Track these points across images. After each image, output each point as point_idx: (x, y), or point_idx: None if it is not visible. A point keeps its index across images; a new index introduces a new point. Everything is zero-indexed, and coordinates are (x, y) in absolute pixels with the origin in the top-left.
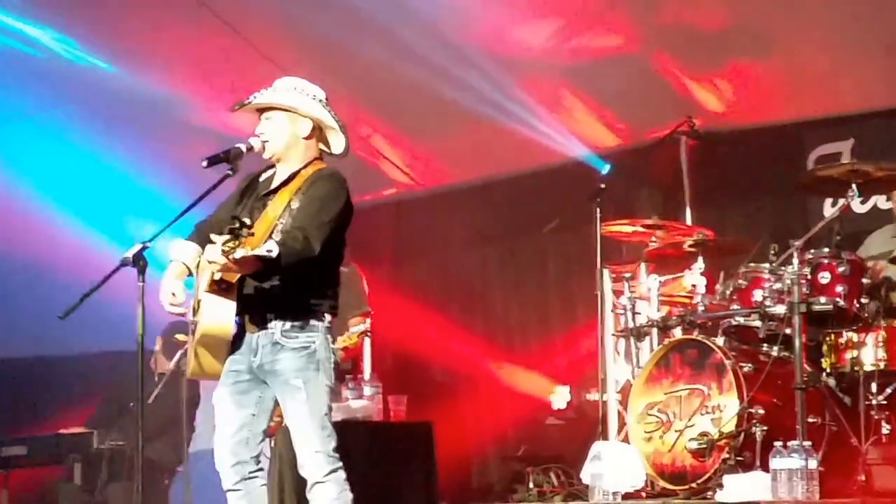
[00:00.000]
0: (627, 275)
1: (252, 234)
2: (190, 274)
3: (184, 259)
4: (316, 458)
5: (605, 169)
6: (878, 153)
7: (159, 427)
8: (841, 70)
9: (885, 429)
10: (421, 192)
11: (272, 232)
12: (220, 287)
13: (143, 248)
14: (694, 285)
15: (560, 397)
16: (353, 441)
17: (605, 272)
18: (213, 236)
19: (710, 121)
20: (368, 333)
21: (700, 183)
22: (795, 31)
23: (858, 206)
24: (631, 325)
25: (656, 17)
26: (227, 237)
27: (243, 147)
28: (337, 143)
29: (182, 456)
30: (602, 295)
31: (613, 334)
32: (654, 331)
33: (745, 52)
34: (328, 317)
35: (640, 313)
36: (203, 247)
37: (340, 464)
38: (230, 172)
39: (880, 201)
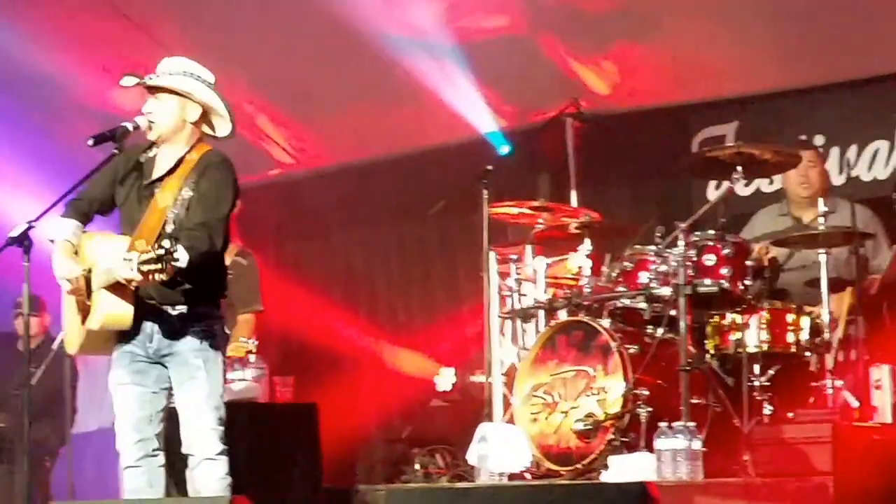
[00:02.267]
0: (514, 256)
1: (174, 265)
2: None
3: (69, 237)
4: (209, 435)
5: (506, 148)
6: (762, 135)
7: (41, 408)
8: (725, 52)
9: (768, 409)
10: (305, 172)
11: (164, 223)
12: (118, 283)
13: (29, 228)
14: (580, 267)
15: (445, 379)
16: (237, 422)
17: (492, 255)
18: (126, 254)
19: (595, 103)
20: (253, 347)
21: (586, 166)
22: (680, 14)
23: (742, 189)
24: (517, 306)
25: None
26: (148, 257)
27: (129, 126)
28: (222, 126)
29: (65, 437)
30: (488, 276)
31: (500, 316)
32: (541, 313)
33: (630, 35)
34: (222, 302)
35: (525, 295)
36: (82, 222)
37: (226, 446)
38: (116, 151)
39: (763, 184)
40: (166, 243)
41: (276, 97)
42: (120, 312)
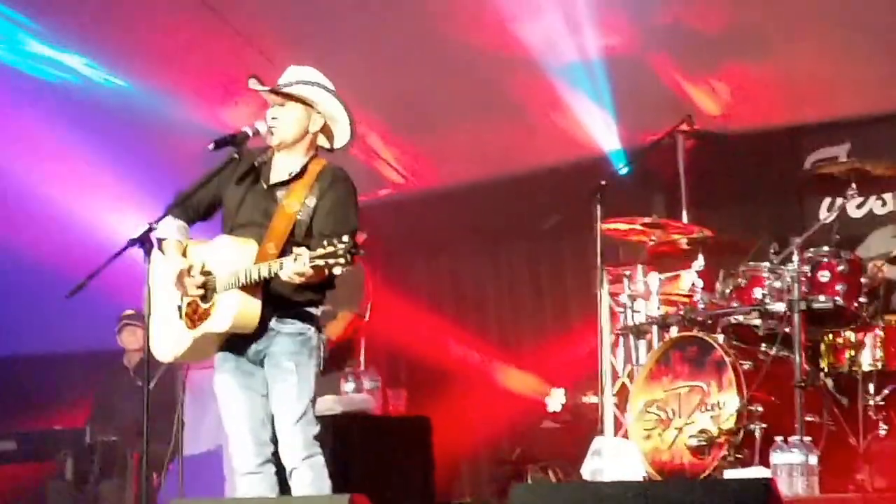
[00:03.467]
0: (626, 272)
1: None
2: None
3: (180, 237)
4: (296, 441)
5: (623, 167)
6: (874, 156)
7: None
8: (837, 72)
9: (883, 429)
10: (416, 192)
11: (293, 227)
12: (249, 285)
13: (150, 230)
14: (693, 284)
15: (555, 400)
16: (352, 434)
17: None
18: (298, 249)
19: (706, 123)
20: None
21: (697, 185)
22: (791, 34)
23: (854, 211)
24: (630, 323)
25: (655, 17)
26: (322, 252)
27: (250, 131)
28: (340, 136)
29: (175, 453)
30: (601, 293)
31: (613, 333)
32: (654, 329)
33: (743, 55)
34: (320, 309)
35: (638, 312)
36: (188, 224)
37: (319, 450)
38: (236, 156)
39: (876, 206)
40: (346, 238)
41: (387, 116)
42: (250, 314)
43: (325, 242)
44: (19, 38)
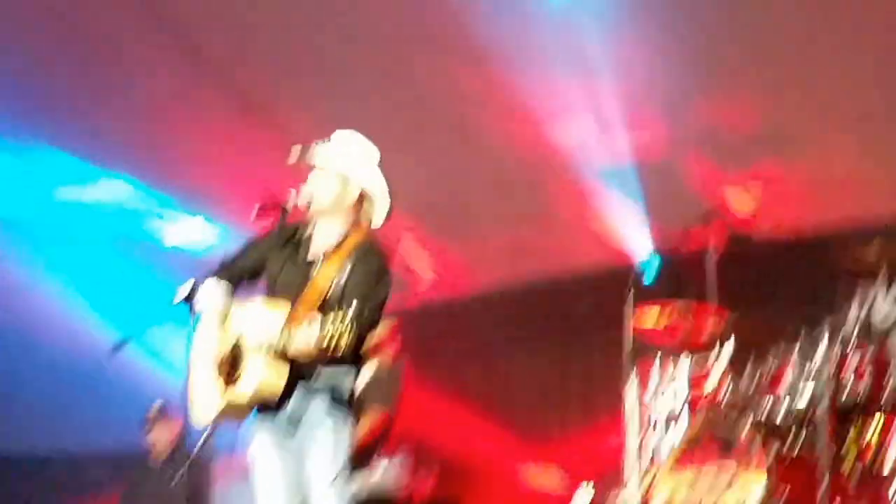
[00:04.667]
0: (657, 359)
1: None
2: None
3: (220, 307)
4: (330, 501)
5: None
6: None
7: None
8: (869, 174)
9: None
10: (446, 297)
11: (324, 301)
12: (274, 353)
13: (194, 288)
14: (724, 370)
15: (584, 496)
16: None
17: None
18: (308, 322)
19: (739, 225)
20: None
21: (727, 291)
22: (826, 134)
23: (880, 322)
24: (659, 410)
25: (691, 117)
26: (332, 322)
27: (289, 206)
28: (380, 211)
29: None
30: (630, 380)
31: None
32: (683, 416)
33: (777, 154)
34: (354, 371)
35: (666, 397)
36: (233, 284)
37: None
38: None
39: None
40: (351, 312)
41: (422, 216)
42: (273, 382)
43: (332, 316)
44: None
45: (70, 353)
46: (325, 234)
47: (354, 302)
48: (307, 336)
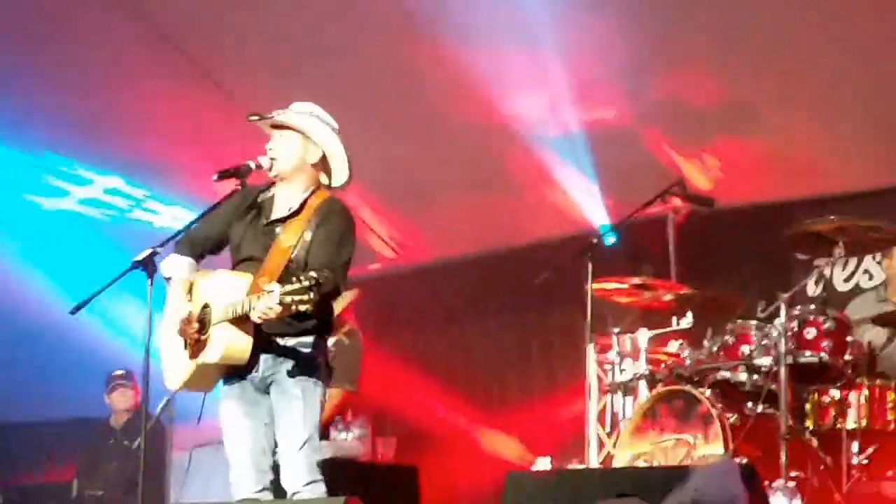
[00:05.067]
0: (616, 329)
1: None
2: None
3: (185, 275)
4: (299, 467)
5: (611, 238)
6: None
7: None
8: (826, 148)
9: (867, 488)
10: (405, 267)
11: (288, 263)
12: (240, 318)
13: (153, 254)
14: (681, 343)
15: (541, 468)
16: (339, 479)
17: (590, 346)
18: (267, 285)
19: (696, 199)
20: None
21: (686, 257)
22: (781, 109)
23: (842, 285)
24: (618, 379)
25: (647, 91)
26: (293, 287)
27: (252, 164)
28: (340, 174)
29: None
30: (589, 349)
31: (601, 391)
32: (641, 386)
33: (734, 129)
34: (327, 337)
35: (625, 370)
36: (196, 260)
37: (321, 477)
38: (239, 187)
39: (863, 280)
40: (313, 274)
41: (378, 188)
42: (239, 347)
43: (293, 279)
44: None
45: (28, 322)
46: (286, 198)
47: (318, 263)
48: (270, 300)
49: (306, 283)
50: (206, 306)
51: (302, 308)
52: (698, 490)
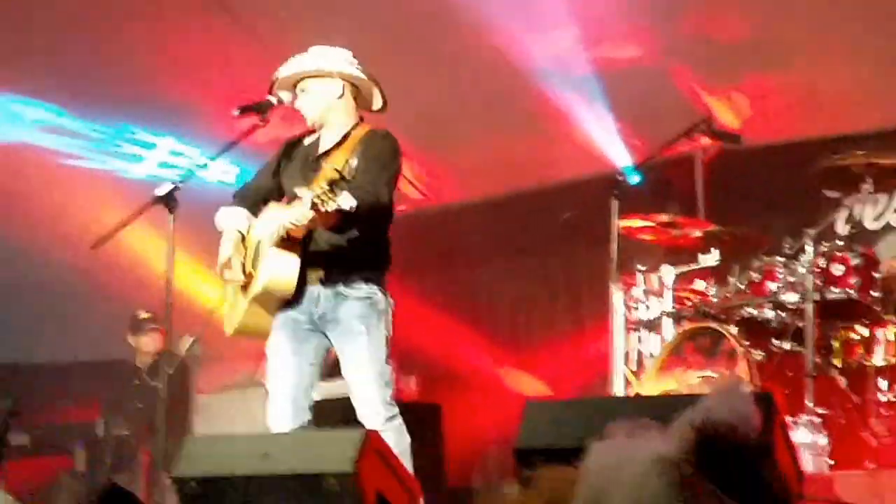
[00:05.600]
0: (641, 267)
1: (341, 205)
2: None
3: (239, 227)
4: (374, 406)
5: (636, 178)
6: None
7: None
8: (856, 86)
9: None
10: (431, 208)
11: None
12: (285, 243)
13: (174, 188)
14: (707, 281)
15: None
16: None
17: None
18: (299, 189)
19: (725, 136)
20: None
21: (714, 196)
22: (812, 47)
23: (871, 223)
24: (644, 318)
25: (675, 27)
26: (321, 190)
27: (274, 100)
28: (376, 100)
29: None
30: (614, 288)
31: (626, 329)
32: (667, 323)
33: (764, 66)
34: (386, 272)
35: (651, 308)
36: (251, 211)
37: (397, 410)
38: (260, 123)
39: (893, 218)
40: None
41: (403, 129)
42: (285, 276)
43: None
44: None
45: (53, 264)
46: (330, 135)
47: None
48: (302, 205)
49: (329, 184)
50: (258, 244)
51: (332, 207)
52: (708, 409)
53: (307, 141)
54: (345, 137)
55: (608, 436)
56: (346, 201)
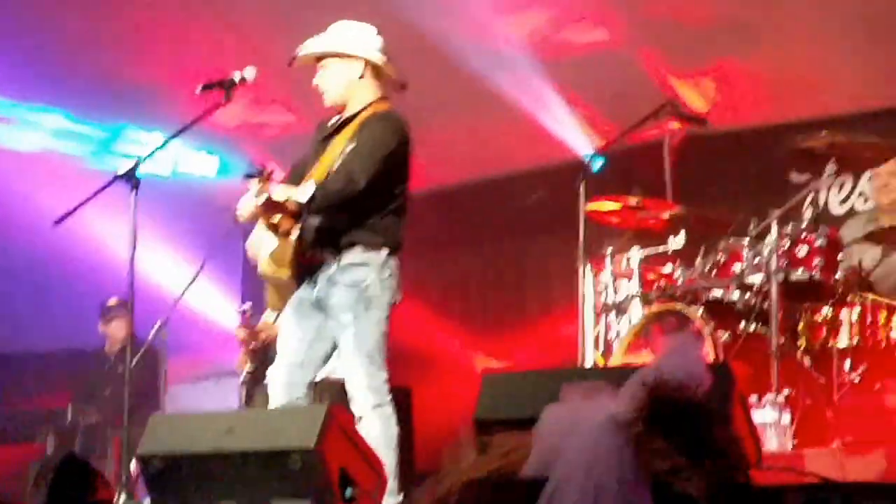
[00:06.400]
0: (609, 250)
1: (269, 180)
2: None
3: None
4: (361, 392)
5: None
6: None
7: (131, 404)
8: (825, 70)
9: (858, 404)
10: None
11: (328, 174)
12: (275, 231)
13: (136, 165)
14: (675, 260)
15: None
16: (330, 400)
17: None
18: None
19: (692, 119)
20: None
21: (682, 183)
22: (780, 31)
23: (837, 207)
24: (612, 300)
25: (643, 12)
26: (259, 183)
27: (237, 77)
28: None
29: None
30: (583, 270)
31: (594, 311)
32: (635, 304)
33: (731, 51)
34: (384, 253)
35: (619, 291)
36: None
37: (388, 398)
38: (223, 102)
39: (858, 203)
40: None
41: None
42: (277, 253)
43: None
44: None
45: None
46: (347, 115)
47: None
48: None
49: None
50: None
51: (260, 201)
52: (658, 368)
53: (332, 122)
54: (351, 119)
55: (562, 399)
56: (299, 194)
